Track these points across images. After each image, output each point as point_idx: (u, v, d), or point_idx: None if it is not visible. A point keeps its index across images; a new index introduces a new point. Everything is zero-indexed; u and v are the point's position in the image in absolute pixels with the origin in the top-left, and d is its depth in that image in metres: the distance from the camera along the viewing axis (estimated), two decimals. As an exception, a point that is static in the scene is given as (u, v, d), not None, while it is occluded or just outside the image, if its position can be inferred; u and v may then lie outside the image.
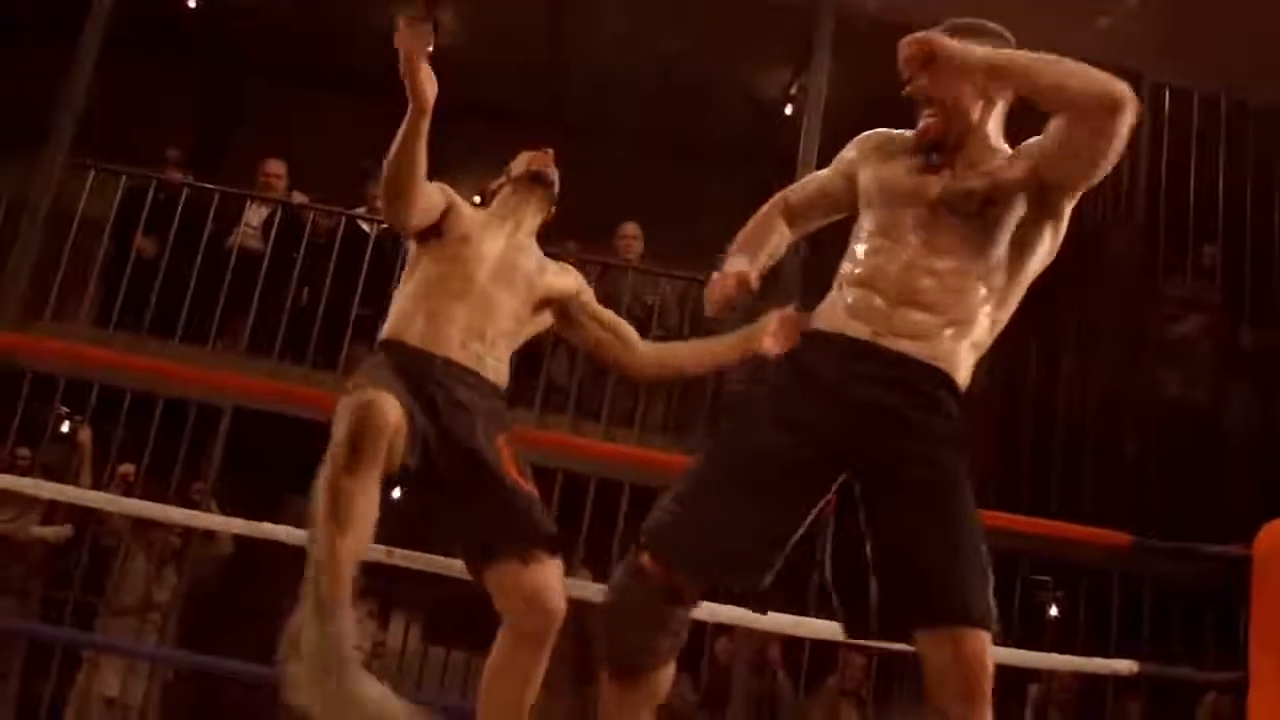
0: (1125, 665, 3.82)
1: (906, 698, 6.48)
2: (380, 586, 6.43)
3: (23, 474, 5.89)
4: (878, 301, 2.38)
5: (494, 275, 3.07)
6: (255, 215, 7.37)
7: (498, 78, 8.92)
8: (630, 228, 7.54)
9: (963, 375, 2.41)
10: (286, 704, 2.51)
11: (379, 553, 4.28)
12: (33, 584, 6.37)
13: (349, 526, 2.53)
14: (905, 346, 2.35)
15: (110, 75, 7.49)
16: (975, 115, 2.46)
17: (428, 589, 6.50)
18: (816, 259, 4.89)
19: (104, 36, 7.39)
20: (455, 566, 4.22)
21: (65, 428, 7.18)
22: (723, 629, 6.28)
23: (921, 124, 2.48)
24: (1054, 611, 7.49)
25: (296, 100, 9.22)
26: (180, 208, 7.15)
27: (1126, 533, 3.92)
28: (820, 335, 2.45)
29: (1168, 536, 4.25)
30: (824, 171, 2.69)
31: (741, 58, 8.34)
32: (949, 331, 2.37)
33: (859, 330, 2.38)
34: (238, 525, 4.53)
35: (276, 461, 7.86)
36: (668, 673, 2.45)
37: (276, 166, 7.48)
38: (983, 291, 2.40)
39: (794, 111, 8.27)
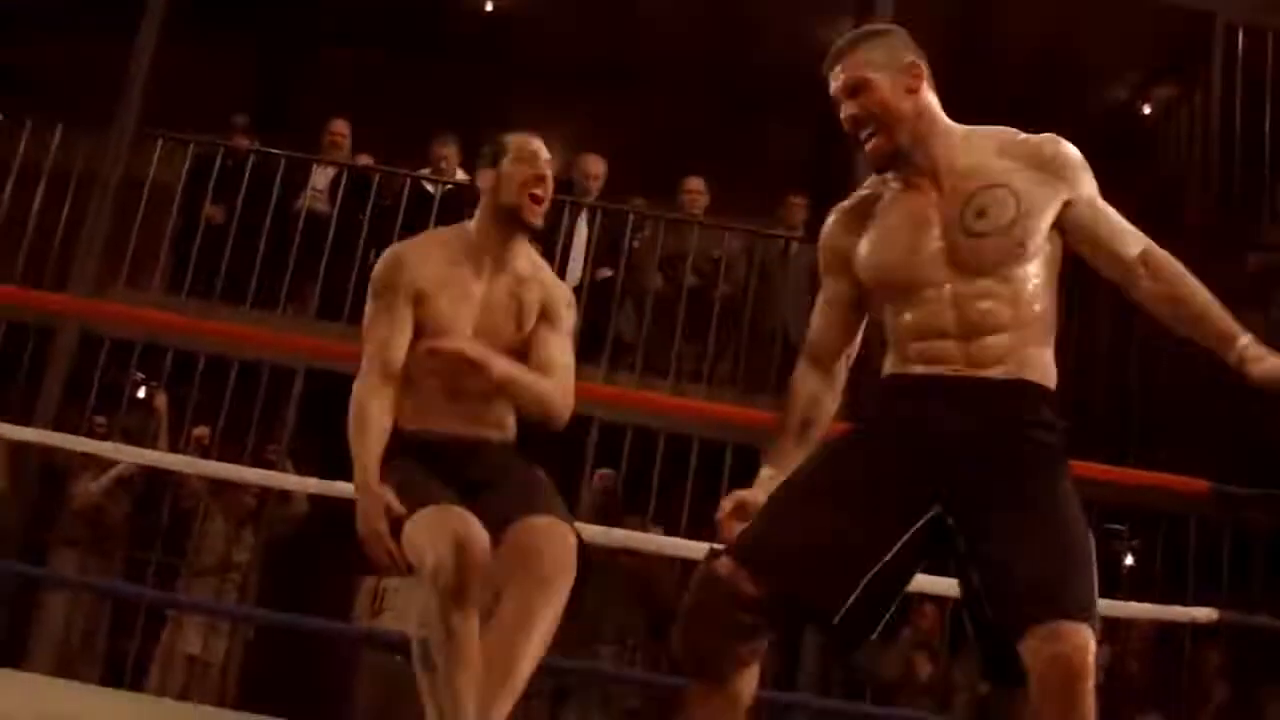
0: (1204, 613, 3.79)
1: (977, 650, 6.46)
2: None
3: (100, 440, 6.01)
4: (949, 344, 2.33)
5: (478, 335, 2.89)
6: (321, 178, 7.42)
7: (559, 37, 8.91)
8: (694, 182, 7.50)
9: (1050, 373, 2.37)
10: (363, 659, 2.55)
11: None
12: (116, 546, 6.49)
13: (469, 661, 2.53)
14: (992, 373, 2.31)
15: (174, 44, 7.56)
16: (909, 107, 2.39)
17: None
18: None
19: (167, 6, 7.45)
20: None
21: (142, 393, 7.31)
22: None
23: (869, 148, 2.42)
24: (1129, 561, 7.42)
25: (358, 63, 9.26)
26: (247, 173, 7.22)
27: (1204, 479, 3.86)
28: (901, 378, 2.40)
29: (1246, 483, 4.19)
30: (823, 292, 2.57)
31: (805, 7, 8.25)
32: (1025, 340, 2.33)
33: (941, 370, 2.34)
34: (313, 484, 4.59)
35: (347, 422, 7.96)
36: (751, 676, 2.39)
37: (341, 126, 7.52)
38: (1034, 283, 2.34)
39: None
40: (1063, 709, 2.13)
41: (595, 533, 4.53)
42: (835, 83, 2.43)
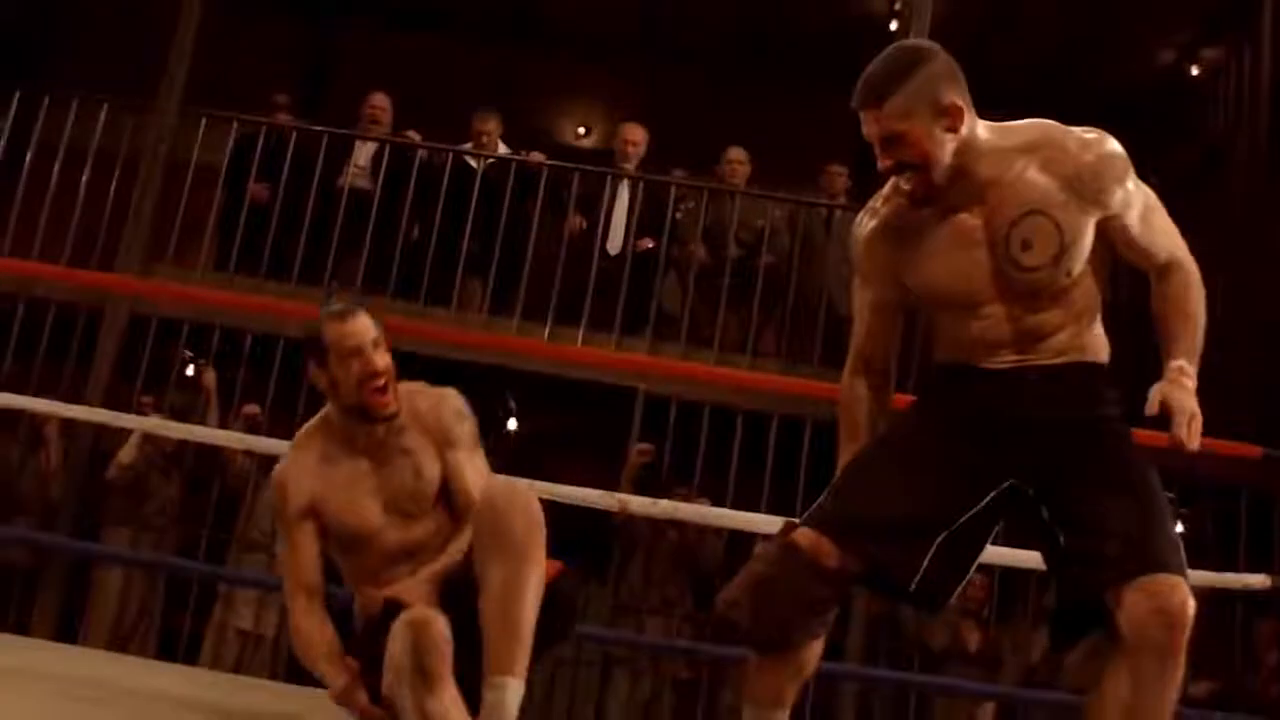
0: (1258, 580, 3.76)
1: (1027, 618, 6.43)
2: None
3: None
4: (1008, 350, 2.37)
5: (389, 528, 2.88)
6: (363, 154, 7.45)
7: (598, 8, 8.89)
8: (736, 152, 7.47)
9: (1105, 347, 2.42)
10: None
11: (499, 483, 4.34)
12: (168, 523, 6.57)
13: None
14: (1054, 362, 2.36)
15: (216, 24, 7.59)
16: (948, 149, 2.32)
17: (547, 518, 6.59)
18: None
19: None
20: (577, 495, 4.28)
21: (190, 371, 7.37)
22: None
23: (908, 188, 2.38)
24: (1180, 529, 7.36)
25: (398, 39, 9.27)
26: (290, 151, 7.25)
27: (1256, 445, 3.83)
28: (965, 366, 2.41)
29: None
30: (863, 297, 2.57)
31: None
32: (1080, 328, 2.37)
33: (1004, 366, 2.37)
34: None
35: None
36: (816, 648, 2.42)
37: (380, 100, 7.53)
38: (1085, 284, 2.37)
39: (899, 28, 8.12)
40: (1162, 659, 2.17)
41: (642, 504, 4.54)
42: (867, 128, 2.35)
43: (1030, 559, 3.99)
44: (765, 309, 7.25)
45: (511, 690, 2.50)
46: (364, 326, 2.90)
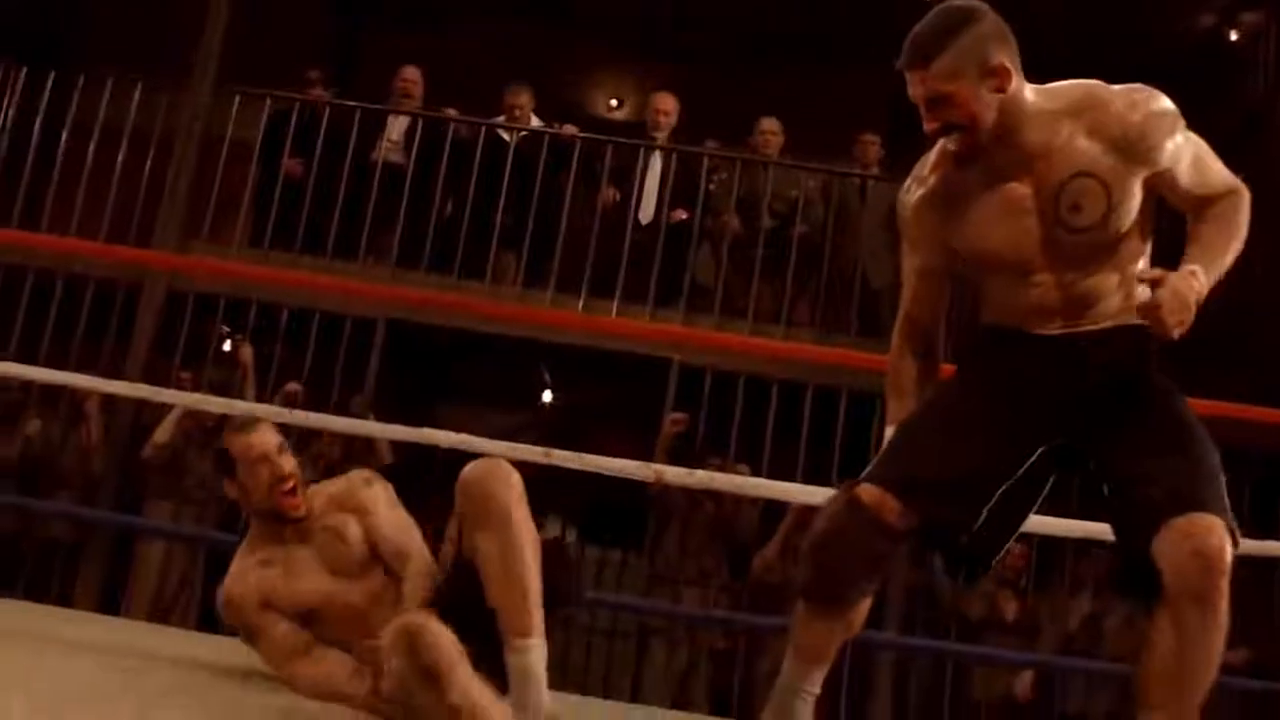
0: (1297, 545, 3.74)
1: (1064, 587, 6.42)
2: (537, 489, 6.55)
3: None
4: (1057, 317, 2.37)
5: (339, 591, 3.01)
6: (396, 128, 7.46)
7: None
8: (769, 123, 7.44)
9: None
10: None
11: (537, 454, 4.36)
12: (208, 498, 6.62)
13: (494, 707, 2.48)
14: (1103, 326, 2.36)
15: (247, 1, 7.62)
16: (995, 110, 2.29)
17: (583, 491, 6.63)
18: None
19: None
20: (613, 466, 4.29)
21: (227, 347, 7.43)
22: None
23: (954, 147, 2.37)
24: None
25: (428, 13, 9.26)
26: (324, 126, 7.27)
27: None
28: (1014, 330, 2.41)
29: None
30: (910, 263, 2.56)
31: (877, -58, 8.12)
32: (1129, 291, 2.34)
33: (1054, 332, 2.37)
34: (398, 432, 4.64)
35: (430, 370, 8.06)
36: (864, 607, 2.44)
37: (412, 73, 7.53)
38: (1132, 243, 2.35)
39: (933, -4, 8.05)
40: (1202, 606, 2.15)
41: (677, 474, 4.54)
42: (913, 88, 2.32)
43: (1067, 528, 3.97)
44: (799, 279, 7.23)
45: (534, 650, 2.51)
46: (267, 435, 3.04)
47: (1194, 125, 2.37)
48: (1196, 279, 2.21)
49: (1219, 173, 2.37)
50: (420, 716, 2.48)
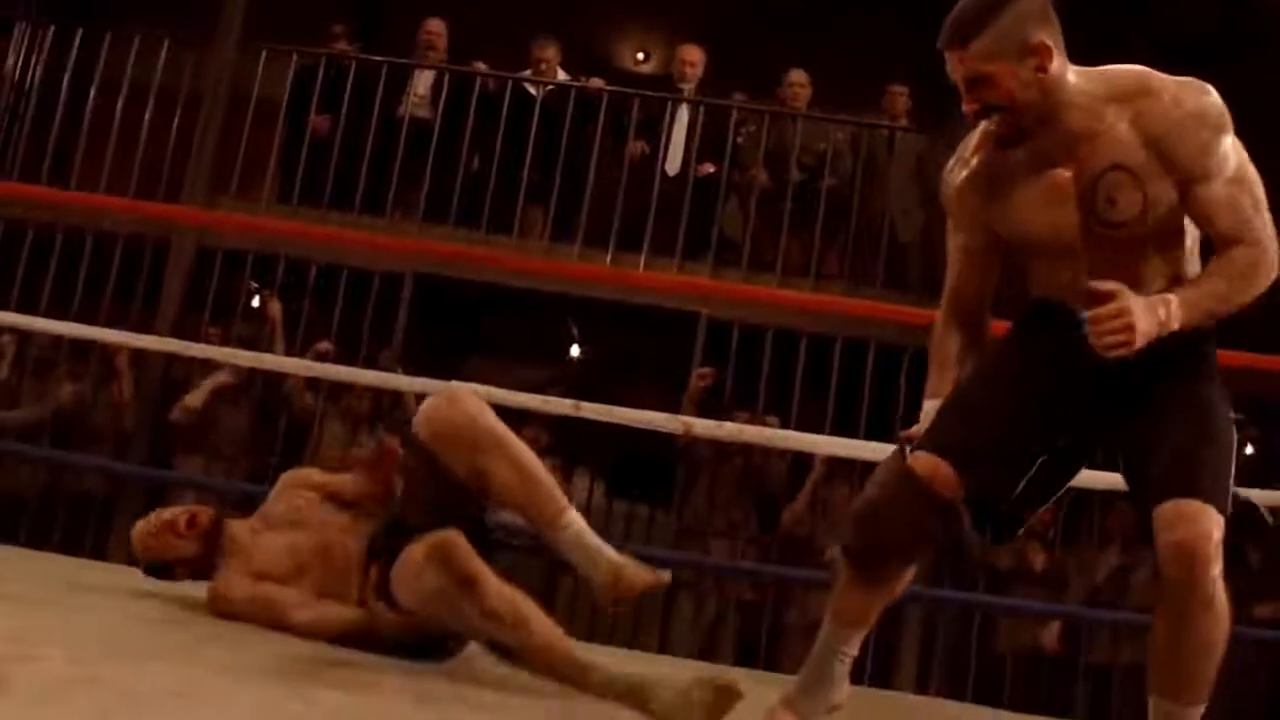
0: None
1: (1093, 540, 6.40)
2: (565, 443, 6.57)
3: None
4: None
5: (319, 529, 3.09)
6: (422, 83, 7.44)
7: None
8: (797, 75, 7.39)
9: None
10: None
11: (566, 406, 4.38)
12: (239, 452, 6.67)
13: (529, 614, 2.51)
14: None
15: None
16: (1036, 91, 2.25)
17: (611, 445, 6.65)
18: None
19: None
20: (642, 419, 4.30)
21: (255, 302, 7.46)
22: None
23: (995, 130, 2.35)
24: (1249, 451, 7.27)
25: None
26: (350, 81, 7.26)
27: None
28: (1058, 306, 2.39)
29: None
30: (954, 240, 2.54)
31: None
32: (1173, 272, 2.31)
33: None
34: (427, 385, 4.66)
35: (458, 324, 8.07)
36: (908, 575, 2.47)
37: (436, 25, 7.50)
38: (1174, 227, 2.30)
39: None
40: (1185, 596, 2.16)
41: (706, 426, 4.55)
42: (952, 69, 2.29)
43: (1096, 480, 3.96)
44: (828, 232, 7.20)
45: (576, 521, 2.72)
46: (137, 528, 3.23)
47: (1222, 94, 2.28)
48: (1164, 309, 2.17)
49: (1249, 219, 2.26)
50: (452, 627, 2.53)
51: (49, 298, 6.82)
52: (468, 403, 2.84)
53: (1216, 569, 2.13)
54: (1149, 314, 2.14)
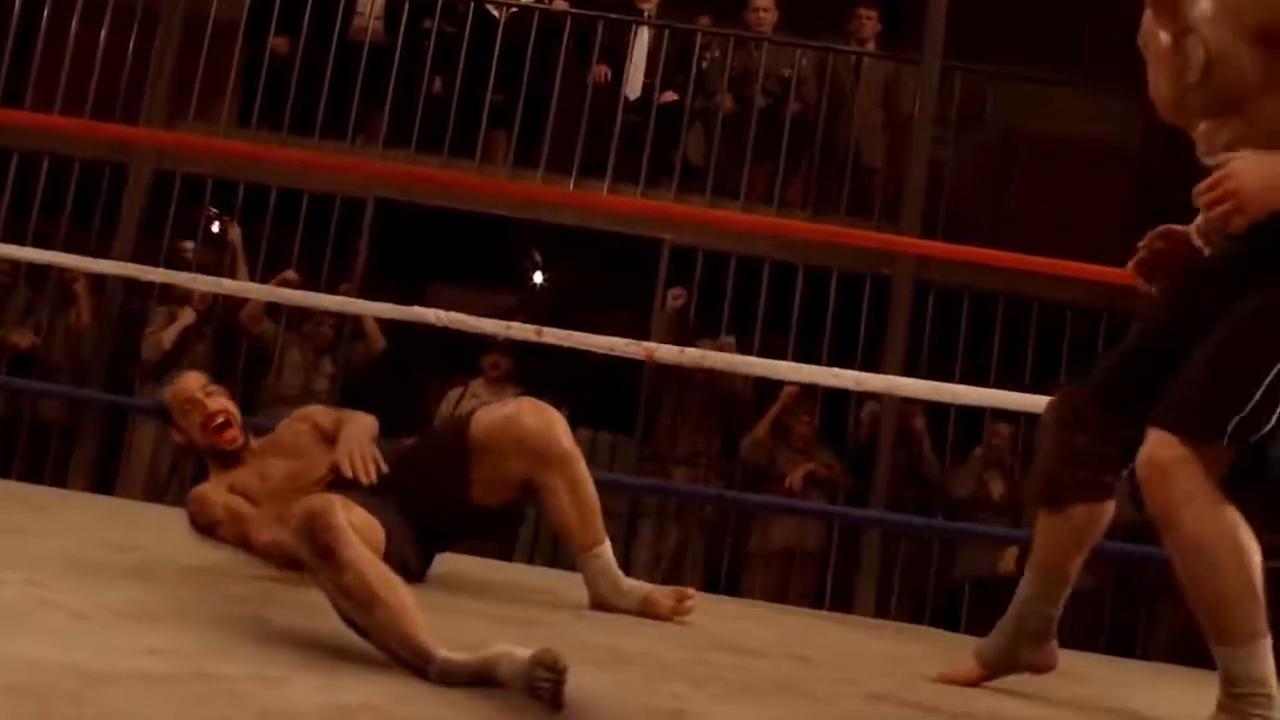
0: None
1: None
2: (529, 371, 6.57)
3: (186, 268, 6.15)
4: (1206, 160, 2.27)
5: (311, 469, 3.06)
6: (376, 3, 7.30)
7: None
8: (762, -1, 7.32)
9: None
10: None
11: (528, 332, 4.36)
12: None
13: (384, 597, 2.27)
14: None
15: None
16: None
17: (574, 372, 6.64)
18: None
19: None
20: (604, 344, 4.29)
21: (215, 228, 7.39)
22: (867, 396, 6.31)
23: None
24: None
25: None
26: (310, 2, 7.14)
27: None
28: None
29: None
30: None
31: None
32: (1270, 144, 2.17)
33: None
34: (390, 310, 4.64)
35: (420, 251, 8.02)
36: (1093, 511, 2.41)
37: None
38: (1259, 93, 2.18)
39: None
40: (1159, 517, 2.15)
41: (669, 352, 4.55)
42: None
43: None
44: (792, 159, 7.16)
45: (607, 550, 3.01)
46: (191, 379, 3.16)
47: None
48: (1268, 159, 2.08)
49: None
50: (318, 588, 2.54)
51: (4, 221, 6.73)
52: (551, 416, 2.99)
53: (1175, 491, 2.09)
54: (1258, 168, 2.06)
